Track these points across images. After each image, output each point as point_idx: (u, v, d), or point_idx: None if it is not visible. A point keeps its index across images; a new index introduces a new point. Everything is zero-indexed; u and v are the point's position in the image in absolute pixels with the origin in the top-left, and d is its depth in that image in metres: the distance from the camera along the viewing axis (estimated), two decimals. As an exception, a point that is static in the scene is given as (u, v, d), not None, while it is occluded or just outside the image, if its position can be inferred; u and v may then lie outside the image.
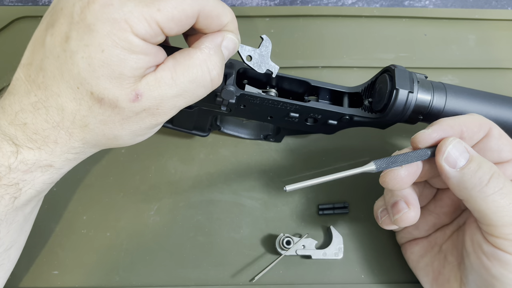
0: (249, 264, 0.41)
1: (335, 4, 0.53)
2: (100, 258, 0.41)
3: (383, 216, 0.37)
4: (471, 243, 0.33)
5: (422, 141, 0.32)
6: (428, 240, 0.38)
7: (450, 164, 0.31)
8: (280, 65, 0.48)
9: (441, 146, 0.31)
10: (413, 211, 0.33)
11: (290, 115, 0.38)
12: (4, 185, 0.29)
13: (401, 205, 0.34)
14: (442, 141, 0.31)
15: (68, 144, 0.29)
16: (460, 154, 0.31)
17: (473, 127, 0.32)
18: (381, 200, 0.38)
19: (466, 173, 0.30)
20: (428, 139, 0.32)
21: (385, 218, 0.36)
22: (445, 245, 0.37)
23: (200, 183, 0.44)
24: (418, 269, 0.38)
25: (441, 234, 0.38)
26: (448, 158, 0.31)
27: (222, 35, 0.30)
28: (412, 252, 0.39)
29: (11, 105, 0.28)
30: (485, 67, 0.49)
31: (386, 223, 0.36)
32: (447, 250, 0.37)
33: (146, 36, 0.26)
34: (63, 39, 0.26)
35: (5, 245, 0.32)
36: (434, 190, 0.38)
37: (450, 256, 0.36)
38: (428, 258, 0.38)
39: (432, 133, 0.32)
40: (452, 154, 0.31)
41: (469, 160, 0.31)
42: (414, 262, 0.39)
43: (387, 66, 0.37)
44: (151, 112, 0.29)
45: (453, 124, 0.32)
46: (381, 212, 0.37)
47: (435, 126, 0.32)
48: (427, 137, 0.32)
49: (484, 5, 0.54)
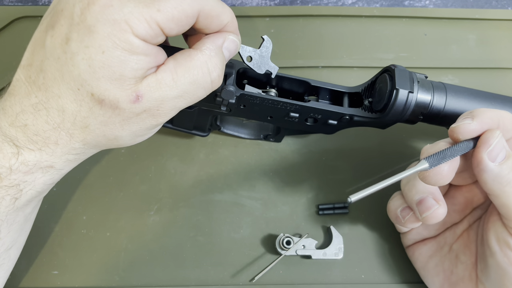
0: (249, 264, 0.41)
1: (335, 4, 0.53)
2: (100, 258, 0.41)
3: (406, 215, 0.35)
4: (496, 242, 0.32)
5: (465, 132, 0.31)
6: (436, 240, 0.38)
7: (491, 158, 0.30)
8: (280, 65, 0.48)
9: (487, 138, 0.30)
10: (443, 207, 0.33)
11: (290, 115, 0.38)
12: (5, 186, 0.29)
13: (430, 202, 0.33)
14: (487, 133, 0.31)
15: (69, 145, 0.29)
16: (501, 149, 0.30)
17: (508, 124, 0.32)
18: (398, 199, 0.37)
19: (504, 169, 0.30)
20: (471, 130, 0.31)
21: (410, 217, 0.35)
22: (456, 244, 0.37)
23: (200, 183, 0.44)
24: (427, 270, 0.38)
25: (451, 234, 0.37)
26: (492, 151, 0.30)
27: (223, 36, 0.30)
28: (420, 253, 0.38)
29: (12, 106, 0.28)
30: (485, 67, 0.49)
31: (410, 221, 0.35)
32: (459, 250, 0.36)
33: (146, 37, 0.26)
34: (63, 41, 0.26)
35: (5, 245, 0.32)
36: (447, 187, 0.37)
37: (463, 256, 0.36)
38: (438, 258, 0.37)
39: (476, 125, 0.31)
40: (496, 148, 0.30)
41: (507, 156, 0.30)
42: (422, 263, 0.38)
43: (387, 66, 0.37)
44: (151, 113, 0.29)
45: (493, 117, 0.31)
46: (401, 211, 0.36)
47: (478, 118, 0.31)
48: (471, 128, 0.31)
49: (484, 5, 0.54)
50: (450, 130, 0.32)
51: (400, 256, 0.41)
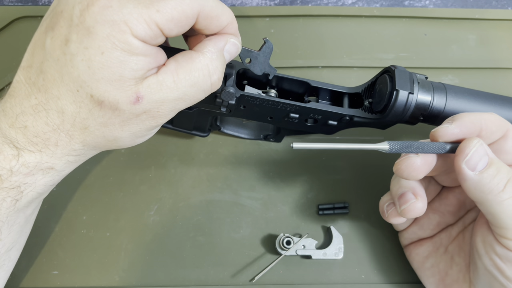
0: (249, 264, 0.41)
1: (335, 4, 0.53)
2: (100, 258, 0.41)
3: (389, 209, 0.36)
4: (482, 245, 0.32)
5: (444, 136, 0.31)
6: (432, 241, 0.38)
7: (470, 167, 0.30)
8: (280, 65, 0.48)
9: (464, 147, 0.30)
10: (421, 202, 0.33)
11: (290, 116, 0.38)
12: (6, 188, 0.29)
13: (409, 196, 0.33)
14: (465, 142, 0.30)
15: (69, 147, 0.29)
16: (481, 158, 0.30)
17: (492, 126, 0.31)
18: (387, 195, 0.37)
19: (484, 177, 0.30)
20: (450, 134, 0.31)
21: (392, 211, 0.36)
22: (451, 246, 0.37)
23: (200, 183, 0.44)
24: (423, 270, 0.38)
25: (446, 235, 0.37)
26: (470, 161, 0.30)
27: (225, 39, 0.30)
28: (417, 254, 0.39)
29: (12, 107, 0.28)
30: (485, 67, 0.49)
31: (392, 215, 0.36)
32: (454, 252, 0.36)
33: (146, 38, 0.26)
34: (62, 42, 0.26)
35: (6, 246, 0.32)
36: (439, 187, 0.38)
37: (457, 257, 0.36)
38: (434, 259, 0.37)
39: (454, 129, 0.31)
40: (474, 157, 0.30)
41: (488, 164, 0.30)
42: (419, 264, 0.38)
43: (387, 67, 0.37)
44: (151, 115, 0.29)
45: (474, 120, 0.31)
46: (387, 206, 0.37)
47: (457, 121, 0.31)
48: (450, 132, 0.31)
49: (484, 5, 0.54)
50: (431, 134, 0.32)
51: (400, 256, 0.41)
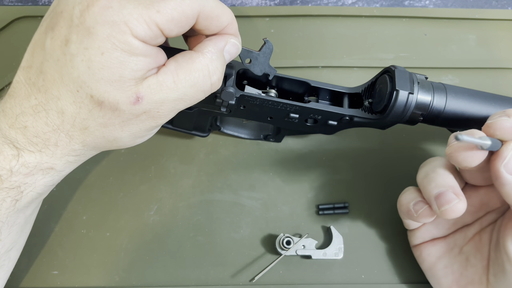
0: (249, 264, 0.41)
1: (335, 4, 0.53)
2: (100, 258, 0.41)
3: (419, 209, 0.34)
4: None
5: (502, 129, 0.30)
6: (446, 241, 0.37)
7: (508, 170, 0.29)
8: (280, 65, 0.48)
9: (503, 150, 0.29)
10: (463, 202, 0.31)
11: (290, 116, 0.38)
12: (6, 188, 0.29)
13: (450, 196, 0.31)
14: (505, 145, 0.30)
15: (69, 147, 0.29)
16: None
17: None
18: (411, 193, 0.35)
19: None
20: (508, 128, 0.30)
21: (423, 211, 0.34)
22: (466, 247, 0.36)
23: (200, 183, 0.44)
24: (435, 271, 0.37)
25: (462, 236, 0.37)
26: (508, 164, 0.29)
27: (225, 40, 0.30)
28: (428, 254, 0.38)
29: (12, 108, 0.28)
30: (485, 67, 0.49)
31: (424, 215, 0.34)
32: (470, 253, 0.36)
33: (146, 38, 0.26)
34: (63, 43, 0.26)
35: (6, 247, 0.32)
36: (462, 185, 0.36)
37: (473, 259, 0.35)
38: (447, 260, 0.37)
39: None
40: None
41: None
42: (430, 264, 0.38)
43: (387, 67, 0.37)
44: (151, 115, 0.29)
45: None
46: (415, 204, 0.34)
47: None
48: (507, 125, 0.30)
49: (484, 5, 0.54)
50: (486, 125, 0.31)
51: (400, 256, 0.41)
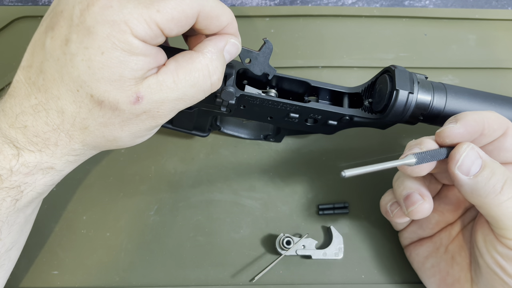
0: (249, 264, 0.41)
1: (335, 4, 0.53)
2: (100, 258, 0.41)
3: (394, 209, 0.36)
4: (484, 244, 0.32)
5: (450, 135, 0.31)
6: (432, 241, 0.38)
7: (463, 171, 0.30)
8: (280, 65, 0.48)
9: (455, 153, 0.30)
10: (428, 203, 0.33)
11: (290, 116, 0.38)
12: (6, 188, 0.29)
13: (416, 197, 0.33)
14: (455, 148, 0.31)
15: (69, 146, 0.29)
16: (473, 161, 0.30)
17: (494, 124, 0.32)
18: (388, 194, 0.37)
19: (479, 181, 0.30)
20: (456, 134, 0.31)
21: (397, 211, 0.36)
22: (451, 245, 0.37)
23: (200, 183, 0.44)
24: (424, 270, 0.38)
25: (446, 235, 0.37)
26: (462, 166, 0.30)
27: (225, 40, 0.30)
28: (417, 254, 0.39)
29: (12, 107, 0.28)
30: (485, 67, 0.49)
31: (398, 216, 0.36)
32: (455, 251, 0.36)
33: (146, 38, 0.26)
34: (63, 42, 0.26)
35: (6, 246, 0.32)
36: (439, 185, 0.38)
37: (458, 257, 0.36)
38: (434, 259, 0.37)
39: (460, 128, 0.31)
40: (466, 162, 0.30)
41: (482, 167, 0.30)
42: (419, 264, 0.38)
43: (387, 67, 0.37)
44: (151, 115, 0.29)
45: (477, 119, 0.31)
46: (391, 206, 0.37)
47: (461, 121, 0.31)
48: (455, 131, 0.31)
49: (484, 5, 0.54)
50: (436, 134, 0.32)
51: (400, 256, 0.41)
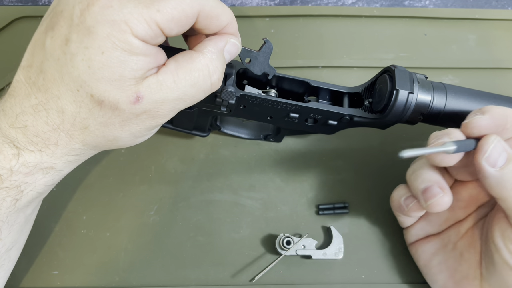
0: (249, 264, 0.41)
1: (335, 4, 0.53)
2: (100, 258, 0.41)
3: (409, 203, 0.35)
4: (502, 239, 0.32)
5: (477, 127, 0.31)
6: (440, 237, 0.38)
7: (490, 163, 0.30)
8: (280, 65, 0.48)
9: (483, 144, 0.30)
10: (448, 196, 0.32)
11: (290, 116, 0.38)
12: (6, 188, 0.29)
13: (435, 190, 0.32)
14: (483, 140, 0.31)
15: (69, 146, 0.29)
16: (500, 154, 0.30)
17: None
18: (401, 189, 0.37)
19: (505, 173, 0.30)
20: (484, 125, 0.31)
21: (413, 205, 0.35)
22: (460, 242, 0.37)
23: (200, 183, 0.44)
24: (430, 268, 0.38)
25: (455, 232, 0.37)
26: (489, 157, 0.30)
27: (225, 40, 0.30)
28: (423, 251, 0.38)
29: (12, 107, 0.28)
30: (485, 67, 0.49)
31: (413, 209, 0.35)
32: (463, 248, 0.36)
33: (146, 37, 0.26)
34: (63, 42, 0.26)
35: (6, 246, 0.32)
36: (452, 181, 0.37)
37: (467, 254, 0.36)
38: (442, 256, 0.37)
39: (488, 119, 0.31)
40: (493, 153, 0.30)
41: (508, 159, 0.30)
42: (425, 261, 0.38)
43: (387, 67, 0.37)
44: (151, 114, 0.29)
45: (502, 113, 0.31)
46: (405, 199, 0.36)
47: (489, 113, 0.31)
48: (483, 123, 0.31)
49: (484, 5, 0.54)
50: (463, 126, 0.32)
51: (400, 256, 0.41)
